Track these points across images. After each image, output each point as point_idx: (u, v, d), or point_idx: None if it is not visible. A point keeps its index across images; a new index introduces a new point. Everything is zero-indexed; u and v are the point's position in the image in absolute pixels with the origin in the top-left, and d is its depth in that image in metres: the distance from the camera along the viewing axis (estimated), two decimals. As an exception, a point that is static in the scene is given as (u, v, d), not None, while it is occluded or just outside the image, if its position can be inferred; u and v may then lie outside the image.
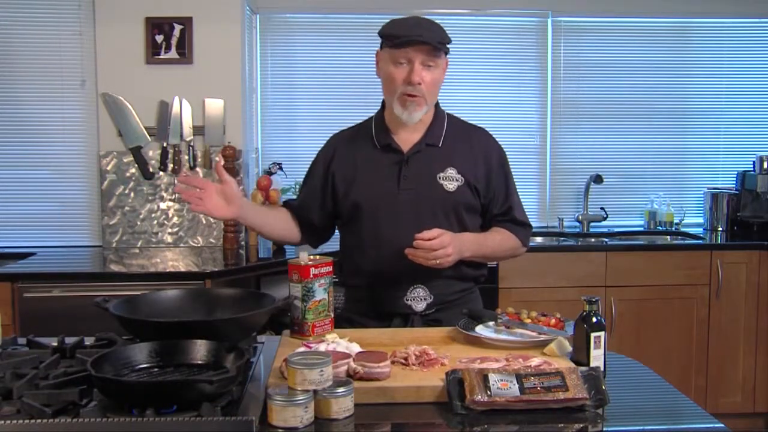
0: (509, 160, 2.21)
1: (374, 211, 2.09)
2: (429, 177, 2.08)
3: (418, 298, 2.08)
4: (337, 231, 2.28)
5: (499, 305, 3.17)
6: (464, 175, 2.09)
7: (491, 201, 2.15)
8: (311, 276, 1.86)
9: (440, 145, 2.11)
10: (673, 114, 4.33)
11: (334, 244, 2.29)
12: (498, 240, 2.14)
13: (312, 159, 2.24)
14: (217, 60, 3.65)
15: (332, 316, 1.93)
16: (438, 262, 1.94)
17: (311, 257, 1.91)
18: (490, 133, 2.22)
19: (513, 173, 2.21)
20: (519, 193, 2.22)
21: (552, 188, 4.32)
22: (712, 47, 4.32)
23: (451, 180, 2.08)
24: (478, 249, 2.09)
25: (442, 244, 1.92)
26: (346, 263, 2.19)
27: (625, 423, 1.49)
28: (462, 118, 2.23)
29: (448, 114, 2.19)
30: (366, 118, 2.24)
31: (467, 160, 2.11)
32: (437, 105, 2.17)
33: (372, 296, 2.12)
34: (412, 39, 1.97)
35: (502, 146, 2.21)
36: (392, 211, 2.07)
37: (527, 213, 2.25)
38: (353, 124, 2.25)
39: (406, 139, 2.12)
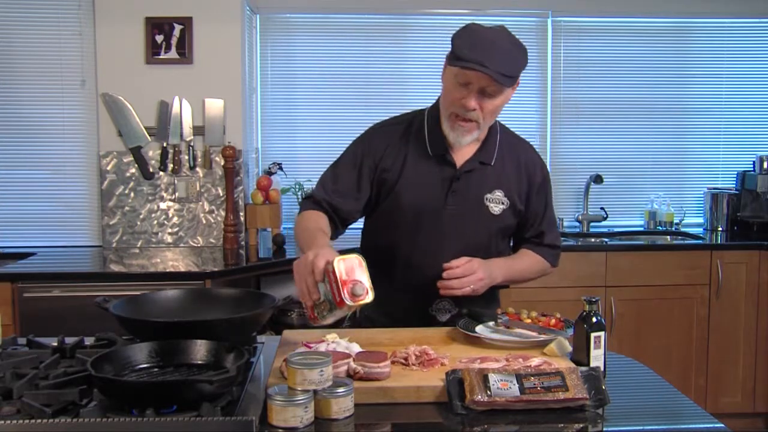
0: None
1: (417, 220, 2.02)
2: (477, 197, 2.02)
3: (443, 310, 2.06)
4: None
5: (499, 305, 3.16)
6: (510, 198, 2.05)
7: (525, 223, 2.12)
8: None
9: (492, 163, 2.04)
10: (673, 114, 4.33)
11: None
12: (527, 264, 2.13)
13: (344, 150, 2.09)
14: (217, 60, 3.65)
15: None
16: (471, 288, 1.92)
17: None
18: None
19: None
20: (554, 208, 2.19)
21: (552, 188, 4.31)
22: (712, 47, 4.32)
23: (497, 203, 2.03)
24: (508, 273, 2.06)
25: (472, 270, 1.91)
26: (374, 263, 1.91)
27: (625, 423, 1.49)
28: (510, 129, 2.15)
29: (500, 125, 2.10)
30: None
31: (515, 182, 2.06)
32: None
33: (394, 301, 2.00)
34: (473, 66, 1.81)
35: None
36: (436, 224, 2.01)
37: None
38: (395, 116, 2.12)
39: (461, 152, 2.02)
